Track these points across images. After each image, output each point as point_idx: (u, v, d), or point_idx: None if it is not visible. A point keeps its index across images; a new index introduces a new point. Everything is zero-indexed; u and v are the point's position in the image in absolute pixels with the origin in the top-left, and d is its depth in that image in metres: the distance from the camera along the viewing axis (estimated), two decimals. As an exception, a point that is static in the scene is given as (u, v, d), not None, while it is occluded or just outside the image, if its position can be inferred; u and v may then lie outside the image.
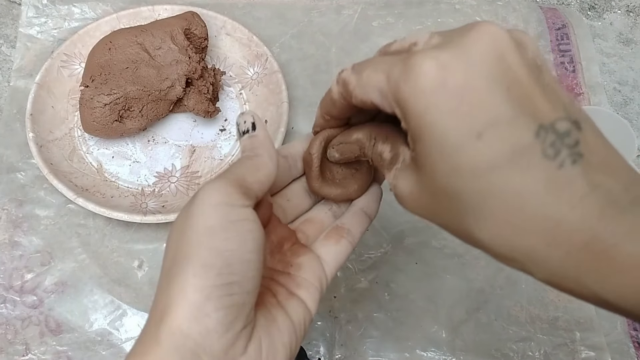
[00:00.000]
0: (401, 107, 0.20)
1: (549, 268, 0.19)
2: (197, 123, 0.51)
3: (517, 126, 0.19)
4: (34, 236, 0.44)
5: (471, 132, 0.19)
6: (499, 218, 0.19)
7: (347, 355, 0.42)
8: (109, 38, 0.48)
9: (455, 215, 0.20)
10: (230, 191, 0.22)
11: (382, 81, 0.21)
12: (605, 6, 0.62)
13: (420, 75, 0.19)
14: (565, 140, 0.19)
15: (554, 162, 0.18)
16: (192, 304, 0.20)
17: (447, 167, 0.19)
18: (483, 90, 0.19)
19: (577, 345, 0.43)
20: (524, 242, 0.19)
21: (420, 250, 0.46)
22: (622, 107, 0.56)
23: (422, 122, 0.19)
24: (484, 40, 0.19)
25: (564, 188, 0.18)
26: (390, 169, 0.24)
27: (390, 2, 0.59)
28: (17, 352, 0.40)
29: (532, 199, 0.18)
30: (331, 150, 0.28)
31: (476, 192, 0.19)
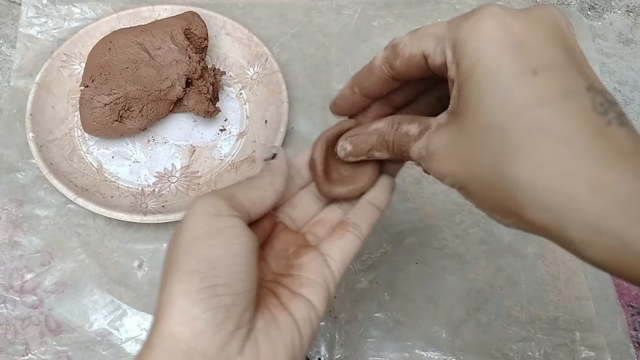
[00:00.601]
0: (458, 45, 0.21)
1: (589, 220, 0.18)
2: (197, 123, 0.51)
3: (572, 75, 0.19)
4: (34, 236, 0.44)
5: (527, 68, 0.19)
6: (544, 153, 0.18)
7: (347, 355, 0.42)
8: (109, 38, 0.48)
9: (494, 155, 0.20)
10: (218, 203, 0.23)
11: (442, 28, 0.22)
12: (605, 6, 0.62)
13: (485, 16, 0.20)
14: (613, 106, 0.19)
15: (603, 117, 0.19)
16: (179, 309, 0.21)
17: (497, 99, 0.20)
18: (542, 38, 0.20)
19: (577, 345, 0.43)
20: (565, 186, 0.18)
21: (420, 250, 0.46)
22: (622, 107, 0.56)
23: (478, 56, 0.20)
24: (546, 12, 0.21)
25: (613, 141, 0.18)
26: (420, 137, 0.24)
27: (390, 2, 0.59)
28: (17, 352, 0.40)
29: (581, 140, 0.18)
30: (343, 142, 0.28)
31: (524, 126, 0.19)
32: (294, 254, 0.27)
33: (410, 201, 0.48)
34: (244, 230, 0.23)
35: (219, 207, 0.23)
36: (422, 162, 0.24)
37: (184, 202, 0.45)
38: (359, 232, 0.28)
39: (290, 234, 0.28)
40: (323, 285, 0.26)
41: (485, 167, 0.20)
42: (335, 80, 0.54)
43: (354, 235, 0.28)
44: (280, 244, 0.27)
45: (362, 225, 0.28)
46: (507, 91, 0.19)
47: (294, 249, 0.27)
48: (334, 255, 0.27)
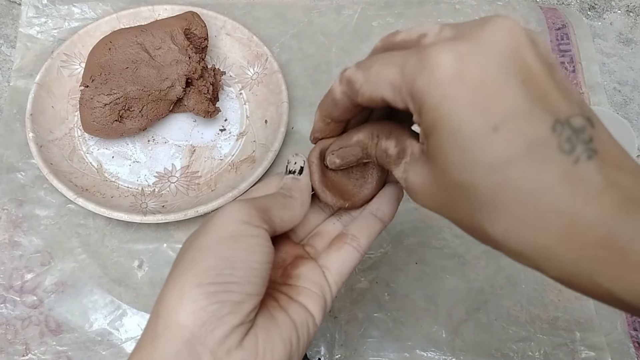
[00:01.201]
0: (416, 99, 0.20)
1: (563, 266, 0.19)
2: (197, 123, 0.51)
3: (534, 120, 0.18)
4: (34, 236, 0.44)
5: (487, 125, 0.19)
6: (512, 213, 0.19)
7: (347, 355, 0.42)
8: (109, 38, 0.48)
9: (468, 210, 0.20)
10: (251, 212, 0.24)
11: (395, 75, 0.21)
12: (605, 6, 0.62)
13: (437, 67, 0.19)
14: (580, 135, 0.18)
15: (570, 157, 0.18)
16: (189, 298, 0.21)
17: (461, 160, 0.19)
18: (500, 83, 0.19)
19: (577, 345, 0.43)
20: (537, 239, 0.19)
21: (420, 250, 0.46)
22: (622, 107, 0.56)
23: (437, 114, 0.19)
24: (500, 34, 0.19)
25: (580, 183, 0.18)
26: (398, 164, 0.24)
27: (390, 2, 0.59)
28: (17, 352, 0.40)
29: (547, 194, 0.18)
30: (331, 156, 0.28)
31: (490, 187, 0.19)
32: (292, 264, 0.27)
33: (410, 201, 0.47)
34: (267, 242, 0.24)
35: (251, 217, 0.24)
36: (405, 190, 0.24)
37: (184, 202, 0.45)
38: (357, 245, 0.28)
39: (289, 245, 0.28)
40: (320, 295, 0.26)
41: (461, 216, 0.21)
42: (335, 80, 0.54)
43: (351, 247, 0.28)
44: (279, 255, 0.28)
45: (361, 238, 0.28)
46: (471, 152, 0.19)
47: (292, 260, 0.28)
48: (331, 267, 0.27)
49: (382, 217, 0.29)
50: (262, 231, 0.24)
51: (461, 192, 0.20)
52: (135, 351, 0.22)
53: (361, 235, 0.28)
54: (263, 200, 0.26)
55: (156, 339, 0.21)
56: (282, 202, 0.26)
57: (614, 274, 0.18)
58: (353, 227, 0.29)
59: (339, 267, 0.27)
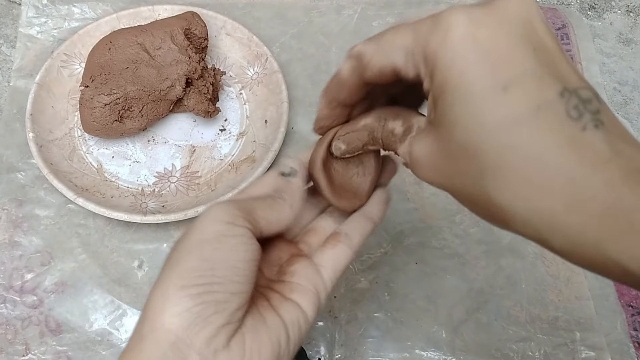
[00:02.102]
0: (429, 61, 0.20)
1: (568, 234, 0.18)
2: (197, 123, 0.51)
3: (543, 83, 0.19)
4: (34, 236, 0.44)
5: (497, 85, 0.19)
6: (518, 175, 0.19)
7: (347, 355, 0.42)
8: (109, 38, 0.48)
9: (473, 174, 0.20)
10: (234, 213, 0.24)
11: (408, 38, 0.21)
12: (605, 6, 0.62)
13: (451, 27, 0.19)
14: (587, 106, 0.19)
15: (577, 123, 0.18)
16: (173, 301, 0.21)
17: (469, 120, 0.19)
18: (511, 46, 0.19)
19: (577, 345, 0.43)
20: (543, 204, 0.18)
21: (420, 250, 0.46)
22: (622, 107, 0.56)
23: (449, 73, 0.20)
24: (514, 4, 0.20)
25: (587, 150, 0.18)
26: (404, 140, 0.24)
27: (390, 2, 0.59)
28: (17, 352, 0.40)
29: (555, 157, 0.18)
30: (337, 142, 0.28)
31: (497, 147, 0.19)
32: (287, 262, 0.27)
33: (410, 201, 0.48)
34: (251, 241, 0.24)
35: (234, 217, 0.24)
36: (409, 166, 0.24)
37: (184, 202, 0.45)
38: (350, 243, 0.28)
39: (284, 243, 0.29)
40: (314, 292, 0.26)
41: (466, 184, 0.21)
42: (335, 80, 0.54)
43: (345, 245, 0.28)
44: (274, 252, 0.28)
45: (354, 237, 0.29)
46: (479, 112, 0.19)
47: (287, 257, 0.28)
48: (325, 264, 0.27)
49: (373, 217, 0.30)
50: (245, 230, 0.24)
51: (467, 155, 0.20)
52: (122, 355, 0.22)
53: (354, 234, 0.29)
54: (249, 201, 0.26)
55: (142, 342, 0.21)
56: (270, 204, 0.26)
57: (621, 243, 0.18)
58: (346, 227, 0.29)
59: (332, 264, 0.28)
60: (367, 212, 0.30)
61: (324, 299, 0.27)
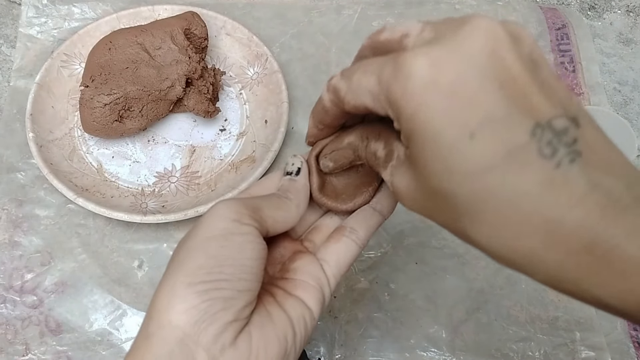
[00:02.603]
0: (393, 108, 0.20)
1: (548, 270, 0.19)
2: (197, 123, 0.51)
3: (512, 125, 0.18)
4: (34, 236, 0.44)
5: (464, 132, 0.18)
6: (495, 220, 0.19)
7: (347, 355, 0.42)
8: (109, 38, 0.48)
9: (451, 215, 0.20)
10: (241, 210, 0.24)
11: (373, 83, 0.21)
12: (605, 6, 0.62)
13: (411, 75, 0.19)
14: (562, 138, 0.18)
15: (551, 161, 0.18)
16: (181, 298, 0.21)
17: (440, 168, 0.19)
18: (475, 87, 0.18)
19: (577, 345, 0.43)
20: (521, 244, 0.18)
21: (420, 250, 0.46)
22: (622, 107, 0.56)
23: (414, 123, 0.19)
24: (477, 35, 0.19)
25: (562, 188, 0.18)
26: (386, 167, 0.24)
27: (390, 2, 0.59)
28: (17, 352, 0.40)
29: (529, 199, 0.18)
30: (324, 160, 0.28)
31: (471, 194, 0.19)
32: (290, 259, 0.27)
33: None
34: (257, 239, 0.24)
35: (241, 215, 0.24)
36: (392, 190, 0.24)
37: (184, 202, 0.45)
38: (356, 237, 0.28)
39: (287, 241, 0.28)
40: (317, 288, 0.26)
41: (446, 222, 0.21)
42: (335, 80, 0.54)
43: (350, 240, 0.28)
44: (278, 250, 0.28)
45: (360, 230, 0.28)
46: (448, 160, 0.19)
47: (290, 255, 0.27)
48: (329, 259, 0.27)
49: (382, 210, 0.29)
50: (252, 228, 0.24)
51: (443, 199, 0.20)
52: (129, 353, 0.22)
53: (360, 228, 0.28)
54: (255, 199, 0.25)
55: (149, 340, 0.21)
56: (276, 203, 0.26)
57: (599, 280, 0.18)
58: (352, 220, 0.28)
59: (337, 259, 0.27)
60: (375, 204, 0.29)
61: (329, 295, 0.26)
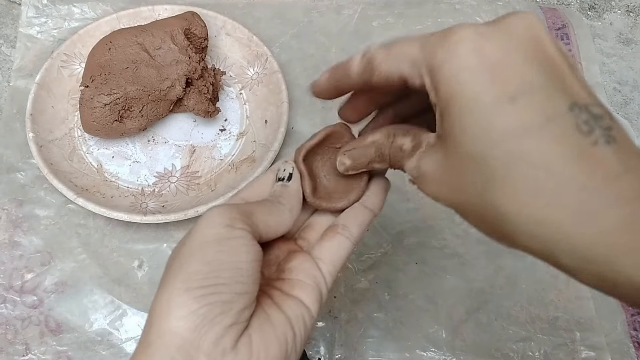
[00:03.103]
0: (434, 72, 0.20)
1: (578, 248, 0.18)
2: (197, 123, 0.51)
3: (551, 96, 0.19)
4: (34, 236, 0.44)
5: (504, 96, 0.19)
6: (526, 184, 0.18)
7: (347, 355, 0.42)
8: (109, 38, 0.48)
9: (480, 185, 0.20)
10: (233, 216, 0.24)
11: (416, 48, 0.21)
12: (605, 6, 0.62)
13: (459, 41, 0.20)
14: (599, 122, 0.18)
15: (588, 137, 0.18)
16: (179, 304, 0.21)
17: (477, 130, 0.19)
18: (519, 60, 0.19)
19: (577, 345, 0.43)
20: (552, 215, 0.18)
21: (420, 250, 0.46)
22: (622, 107, 0.56)
23: (454, 84, 0.20)
24: (521, 23, 0.20)
25: (599, 164, 0.18)
26: (412, 155, 0.24)
27: (390, 2, 0.59)
28: (17, 352, 0.40)
29: (564, 168, 0.18)
30: (342, 157, 0.28)
31: (505, 156, 0.19)
32: (285, 259, 0.27)
33: (410, 201, 0.48)
34: (251, 242, 0.24)
35: (233, 219, 0.24)
36: (415, 181, 0.24)
37: (184, 202, 0.45)
38: (349, 234, 0.28)
39: (282, 241, 0.28)
40: (314, 286, 0.26)
41: (473, 197, 0.20)
42: (335, 80, 0.54)
43: (343, 237, 0.28)
44: (272, 252, 0.28)
45: (352, 227, 0.28)
46: (486, 122, 0.19)
47: (285, 255, 0.27)
48: (323, 257, 0.27)
49: (372, 207, 0.29)
50: (245, 232, 0.24)
51: (475, 165, 0.20)
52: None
53: (352, 225, 0.28)
54: (248, 205, 0.26)
55: (150, 347, 0.21)
56: (269, 208, 0.26)
57: (634, 258, 0.17)
58: (344, 218, 0.29)
59: (331, 256, 0.27)
60: (365, 202, 0.29)
61: (326, 293, 0.27)
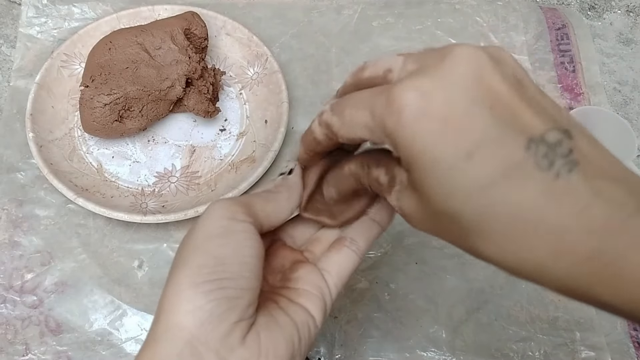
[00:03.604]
0: (390, 139, 0.21)
1: (559, 280, 0.19)
2: (197, 123, 0.51)
3: (506, 143, 0.19)
4: (34, 236, 0.44)
5: (460, 154, 0.19)
6: (501, 235, 0.19)
7: (347, 355, 0.42)
8: (109, 38, 0.48)
9: (459, 234, 0.21)
10: (235, 209, 0.24)
11: (367, 117, 0.21)
12: (605, 6, 0.62)
13: (403, 107, 0.19)
14: (557, 150, 0.18)
15: (549, 172, 0.18)
16: (186, 299, 0.21)
17: (442, 190, 0.20)
18: (466, 113, 0.19)
19: (577, 345, 0.43)
20: (530, 255, 0.19)
21: (420, 250, 0.46)
22: (622, 107, 0.56)
23: (411, 151, 0.20)
24: (461, 64, 0.19)
25: (564, 197, 0.18)
26: (390, 192, 0.24)
27: (390, 2, 0.59)
28: (17, 352, 0.40)
29: (533, 212, 0.18)
30: (326, 188, 0.28)
31: (474, 212, 0.19)
32: (290, 268, 0.27)
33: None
34: (255, 236, 0.24)
35: (235, 212, 0.24)
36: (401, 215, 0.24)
37: (184, 202, 0.45)
38: (356, 248, 0.28)
39: (287, 251, 0.29)
40: (319, 297, 0.26)
41: (456, 240, 0.21)
42: (335, 81, 0.54)
43: (350, 250, 0.28)
44: (277, 260, 0.28)
45: (360, 241, 0.28)
46: (450, 181, 0.19)
47: (290, 265, 0.28)
48: (330, 269, 0.27)
49: (380, 221, 0.29)
50: (248, 225, 0.24)
51: (449, 219, 0.20)
52: (138, 356, 0.22)
53: (360, 239, 0.28)
54: (247, 197, 0.26)
55: (156, 343, 0.21)
56: (266, 197, 0.27)
57: (609, 287, 0.18)
58: (351, 231, 0.29)
59: (338, 269, 0.27)
60: (374, 216, 0.29)
61: (330, 305, 0.27)
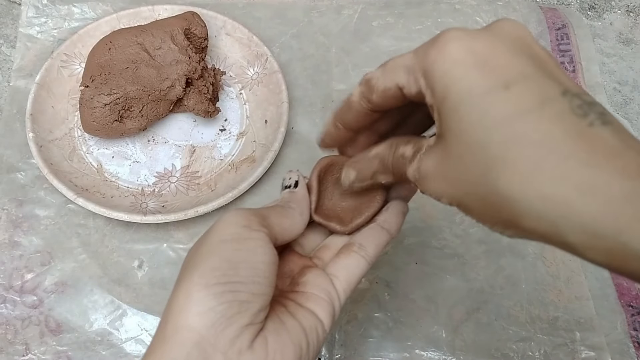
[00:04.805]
0: (428, 72, 0.21)
1: (585, 222, 0.17)
2: (197, 123, 0.51)
3: (544, 83, 0.19)
4: (34, 236, 0.44)
5: (498, 84, 0.19)
6: (529, 163, 0.18)
7: (347, 355, 0.42)
8: (109, 38, 0.48)
9: (482, 173, 0.20)
10: (250, 218, 0.25)
11: (409, 58, 0.22)
12: (605, 6, 0.62)
13: (449, 39, 0.21)
14: (592, 107, 0.19)
15: (584, 119, 0.18)
16: (197, 300, 0.21)
17: (474, 118, 0.20)
18: (508, 53, 0.20)
19: (577, 345, 0.43)
20: (557, 189, 0.18)
21: (420, 250, 0.46)
22: (622, 107, 0.56)
23: (449, 80, 0.20)
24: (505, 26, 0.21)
25: (598, 143, 0.18)
26: (413, 160, 0.24)
27: (390, 2, 0.59)
28: (17, 352, 0.40)
29: (565, 145, 0.18)
30: (347, 170, 0.28)
31: (504, 140, 0.19)
32: (299, 273, 0.28)
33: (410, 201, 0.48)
34: (269, 245, 0.24)
35: (250, 221, 0.24)
36: (417, 184, 0.24)
37: (184, 202, 0.45)
38: (365, 253, 0.28)
39: (296, 257, 0.29)
40: (328, 301, 0.26)
41: (475, 184, 0.20)
42: (335, 80, 0.54)
43: (359, 255, 0.28)
44: (286, 265, 0.28)
45: (369, 247, 0.28)
46: (482, 110, 0.19)
47: (299, 270, 0.28)
48: (338, 274, 0.27)
49: (389, 228, 0.30)
50: (262, 234, 0.24)
51: (474, 154, 0.20)
52: (145, 357, 0.22)
53: (368, 245, 0.28)
54: (261, 209, 0.26)
55: (165, 343, 0.21)
56: (280, 211, 0.27)
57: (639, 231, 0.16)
58: (360, 237, 0.29)
59: (346, 274, 0.27)
60: (383, 223, 0.30)
61: (338, 310, 0.27)
